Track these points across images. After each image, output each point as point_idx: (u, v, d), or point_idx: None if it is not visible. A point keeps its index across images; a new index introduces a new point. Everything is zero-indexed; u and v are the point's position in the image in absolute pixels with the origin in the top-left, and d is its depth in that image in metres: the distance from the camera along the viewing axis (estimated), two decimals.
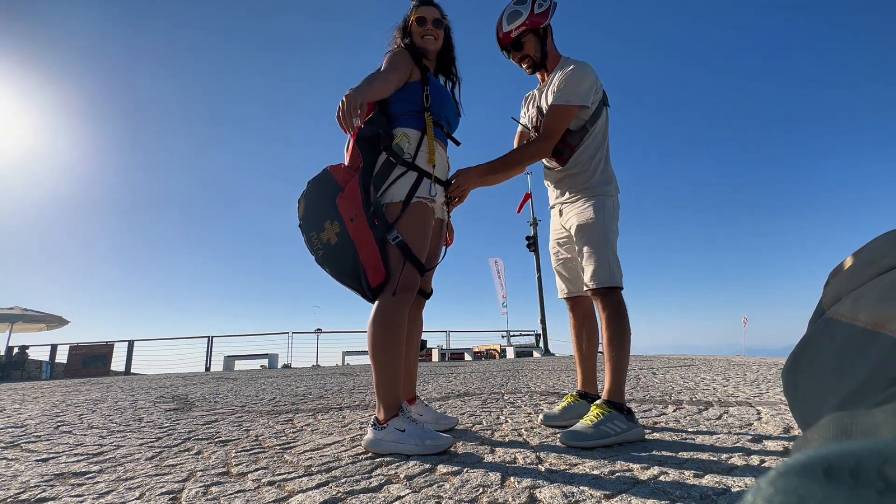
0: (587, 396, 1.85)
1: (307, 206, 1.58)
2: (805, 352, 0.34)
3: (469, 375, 4.21)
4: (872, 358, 0.26)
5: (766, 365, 4.25)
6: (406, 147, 1.59)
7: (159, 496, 1.08)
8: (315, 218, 1.55)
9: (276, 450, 1.51)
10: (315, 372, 5.98)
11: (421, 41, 1.73)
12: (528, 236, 15.69)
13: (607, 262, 1.63)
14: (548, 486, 1.04)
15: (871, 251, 0.34)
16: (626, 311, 1.65)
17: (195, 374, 6.82)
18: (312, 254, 1.57)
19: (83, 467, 1.36)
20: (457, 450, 1.42)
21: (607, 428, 1.44)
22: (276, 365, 11.48)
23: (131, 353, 12.20)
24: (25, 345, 12.16)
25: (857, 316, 0.29)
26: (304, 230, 1.57)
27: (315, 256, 1.56)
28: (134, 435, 1.85)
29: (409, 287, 1.53)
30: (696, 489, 1.00)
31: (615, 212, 1.74)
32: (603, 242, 1.65)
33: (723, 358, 5.50)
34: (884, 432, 0.18)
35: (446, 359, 12.74)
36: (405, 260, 1.52)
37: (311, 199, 1.58)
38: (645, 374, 3.69)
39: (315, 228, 1.55)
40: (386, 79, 1.57)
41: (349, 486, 1.09)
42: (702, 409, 2.04)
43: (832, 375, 0.29)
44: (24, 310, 11.87)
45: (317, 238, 1.54)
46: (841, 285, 0.34)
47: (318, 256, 1.55)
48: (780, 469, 0.15)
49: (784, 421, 1.71)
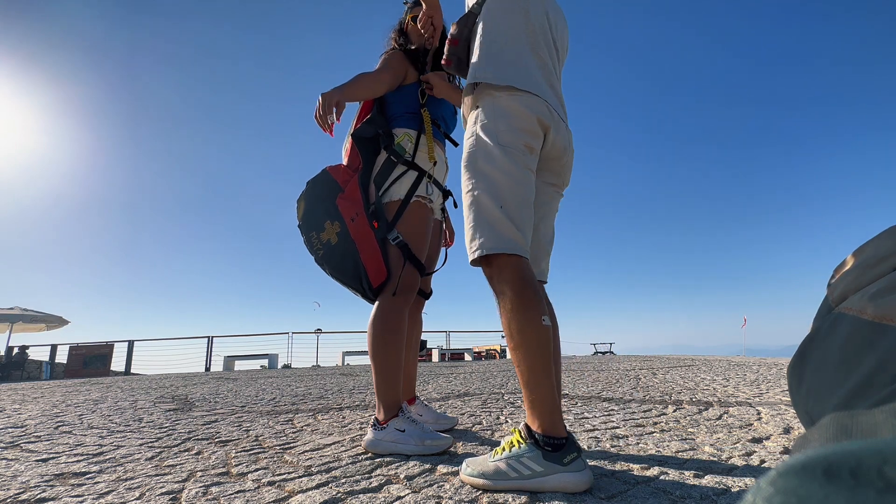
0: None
1: (307, 207, 1.58)
2: (812, 346, 0.34)
3: (469, 376, 4.21)
4: (880, 350, 0.26)
5: (766, 365, 4.25)
6: (408, 147, 1.59)
7: (159, 496, 1.08)
8: (315, 218, 1.56)
9: (276, 450, 1.51)
10: (315, 372, 5.98)
11: (419, 39, 1.73)
12: None
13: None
14: None
15: (878, 247, 0.34)
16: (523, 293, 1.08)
17: (195, 374, 6.82)
18: (312, 254, 1.57)
19: (83, 467, 1.36)
20: (457, 450, 1.42)
21: (509, 467, 1.02)
22: (276, 365, 11.48)
23: (131, 353, 12.20)
24: (25, 345, 12.16)
25: (865, 310, 0.29)
26: (304, 230, 1.58)
27: (315, 256, 1.57)
28: (134, 435, 1.85)
29: (409, 287, 1.53)
30: (696, 489, 1.00)
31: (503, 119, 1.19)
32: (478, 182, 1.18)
33: (723, 358, 5.50)
34: (884, 432, 0.18)
35: (446, 359, 12.73)
36: (405, 260, 1.52)
37: (310, 199, 1.59)
38: (645, 374, 3.69)
39: (315, 228, 1.55)
40: (375, 78, 1.58)
41: (349, 487, 1.09)
42: (702, 409, 2.04)
43: (839, 369, 0.29)
44: (24, 310, 11.87)
45: (317, 238, 1.55)
46: (849, 283, 0.34)
47: (318, 256, 1.56)
48: (780, 469, 0.15)
49: (784, 421, 1.71)
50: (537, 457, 1.01)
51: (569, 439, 1.02)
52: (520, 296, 1.07)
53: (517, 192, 1.13)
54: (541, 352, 1.05)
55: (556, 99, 1.28)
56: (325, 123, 1.41)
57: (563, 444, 1.01)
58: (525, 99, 1.18)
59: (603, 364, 5.22)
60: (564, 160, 1.30)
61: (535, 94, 1.19)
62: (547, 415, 1.03)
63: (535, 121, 1.18)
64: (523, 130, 1.17)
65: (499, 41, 1.24)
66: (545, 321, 1.06)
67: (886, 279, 0.30)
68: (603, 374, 3.86)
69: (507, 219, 1.10)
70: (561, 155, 1.28)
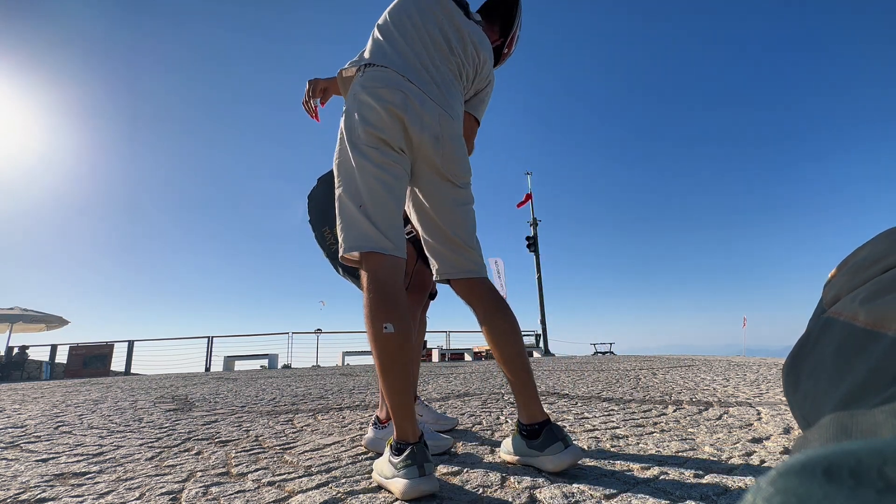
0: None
1: (319, 203, 1.58)
2: (805, 350, 0.34)
3: (469, 376, 4.21)
4: (873, 357, 0.26)
5: (766, 365, 4.25)
6: None
7: (159, 496, 1.08)
8: (327, 214, 1.56)
9: (276, 450, 1.51)
10: (315, 372, 5.98)
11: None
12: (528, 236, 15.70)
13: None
14: (548, 487, 1.04)
15: (872, 250, 0.34)
16: (372, 297, 1.08)
17: (195, 374, 6.82)
18: (323, 249, 1.57)
19: (83, 467, 1.36)
20: (457, 450, 1.42)
21: (384, 467, 1.05)
22: (276, 365, 11.48)
23: (131, 353, 12.21)
24: (25, 345, 12.17)
25: (857, 315, 0.29)
26: (315, 226, 1.58)
27: (326, 252, 1.57)
28: (134, 435, 1.85)
29: (421, 285, 1.53)
30: (696, 489, 1.00)
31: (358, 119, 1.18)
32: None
33: (723, 358, 5.50)
34: (884, 432, 0.18)
35: (446, 359, 12.74)
36: (417, 257, 1.52)
37: (323, 195, 1.59)
38: (645, 375, 3.69)
39: (328, 224, 1.55)
40: None
41: (349, 486, 1.09)
42: (702, 409, 2.04)
43: (832, 374, 0.29)
44: (24, 310, 11.87)
45: (330, 233, 1.55)
46: (841, 284, 0.34)
47: (331, 252, 1.56)
48: (780, 469, 0.15)
49: (784, 421, 1.71)
50: (388, 461, 1.04)
51: (415, 445, 1.01)
52: (369, 300, 1.08)
53: (375, 190, 1.13)
54: (383, 359, 1.05)
55: (432, 84, 1.25)
56: (310, 109, 1.46)
57: (403, 449, 1.01)
58: (378, 88, 1.17)
59: (603, 364, 5.22)
60: (440, 150, 1.23)
61: (388, 68, 1.19)
62: (398, 421, 1.05)
63: (385, 112, 1.15)
64: (374, 123, 1.15)
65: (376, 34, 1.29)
66: (386, 328, 1.04)
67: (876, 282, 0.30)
68: (603, 374, 3.86)
69: (366, 217, 1.11)
70: (431, 145, 1.21)
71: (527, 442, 1.16)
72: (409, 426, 1.04)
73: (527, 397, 1.21)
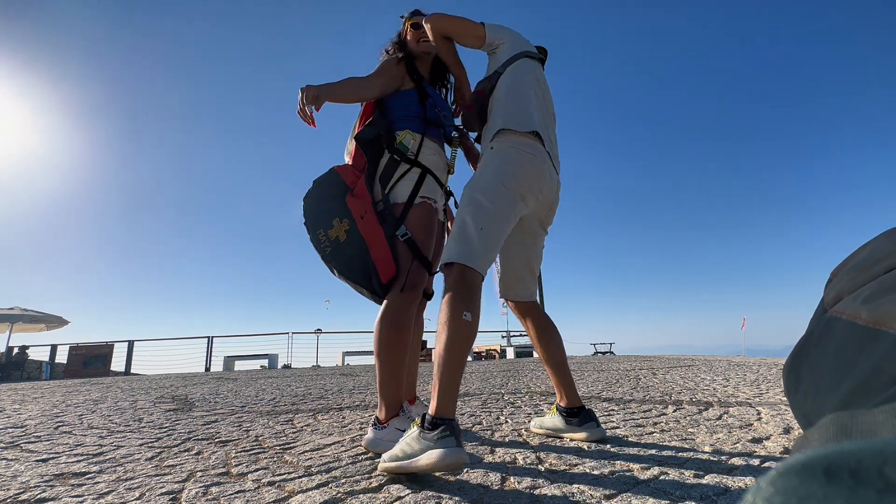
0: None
1: (314, 204, 1.58)
2: (806, 350, 0.34)
3: (469, 376, 4.21)
4: (874, 356, 0.25)
5: (766, 365, 4.25)
6: (410, 145, 1.61)
7: (159, 496, 1.08)
8: (323, 215, 1.56)
9: (276, 450, 1.51)
10: (315, 372, 5.98)
11: (417, 46, 1.78)
12: None
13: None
14: (548, 487, 1.04)
15: (874, 250, 0.34)
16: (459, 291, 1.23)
17: (195, 374, 6.82)
18: (319, 251, 1.57)
19: (83, 467, 1.36)
20: None
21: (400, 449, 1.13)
22: (276, 365, 11.48)
23: (131, 353, 12.20)
24: (25, 345, 12.16)
25: (859, 314, 0.29)
26: (311, 228, 1.57)
27: (322, 254, 1.56)
28: (134, 435, 1.85)
29: (416, 285, 1.53)
30: (696, 489, 1.00)
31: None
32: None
33: (723, 358, 5.50)
34: (884, 432, 0.18)
35: None
36: (413, 258, 1.52)
37: (318, 197, 1.59)
38: (645, 375, 3.69)
39: (323, 225, 1.55)
40: (363, 82, 1.64)
41: (349, 487, 1.09)
42: (702, 409, 2.04)
43: (833, 373, 0.29)
44: (24, 310, 11.86)
45: (324, 235, 1.55)
46: (843, 284, 0.34)
47: (326, 253, 1.55)
48: (780, 469, 0.15)
49: (784, 421, 1.71)
50: (417, 438, 1.10)
51: (451, 421, 1.09)
52: (456, 292, 1.23)
53: (497, 226, 1.32)
54: (455, 339, 1.19)
55: (555, 150, 1.52)
56: (305, 116, 1.49)
57: (440, 424, 1.08)
58: (535, 158, 1.40)
59: (603, 364, 5.22)
60: (551, 209, 1.57)
61: (540, 141, 1.43)
62: (445, 398, 1.13)
63: (535, 180, 1.40)
64: (523, 183, 1.37)
65: (521, 97, 1.50)
66: (466, 315, 1.20)
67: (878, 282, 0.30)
68: (603, 375, 3.86)
69: (480, 241, 1.28)
70: (549, 207, 1.54)
71: (566, 419, 1.53)
72: (453, 404, 1.15)
73: (568, 389, 1.58)
